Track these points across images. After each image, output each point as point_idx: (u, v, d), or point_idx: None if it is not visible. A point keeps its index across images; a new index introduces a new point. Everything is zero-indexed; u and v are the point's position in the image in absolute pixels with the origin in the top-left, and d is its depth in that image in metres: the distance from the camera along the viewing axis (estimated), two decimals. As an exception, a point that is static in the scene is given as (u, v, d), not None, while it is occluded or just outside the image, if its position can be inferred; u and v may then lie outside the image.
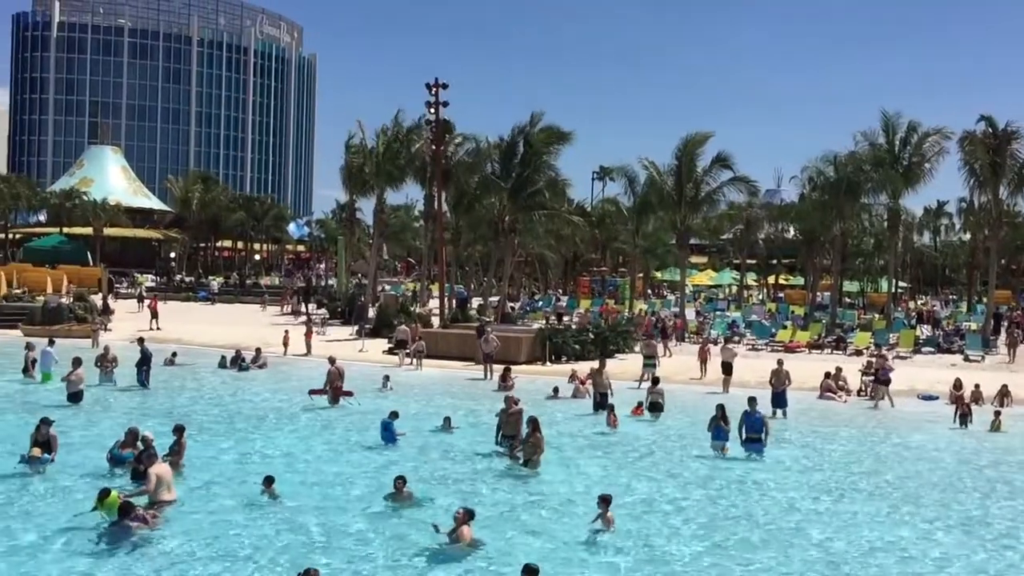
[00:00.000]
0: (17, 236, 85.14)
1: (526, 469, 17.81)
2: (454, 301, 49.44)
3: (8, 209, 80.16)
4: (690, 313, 50.01)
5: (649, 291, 73.63)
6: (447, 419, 21.83)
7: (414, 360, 33.78)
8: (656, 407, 24.29)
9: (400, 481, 15.14)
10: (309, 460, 18.76)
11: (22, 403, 23.95)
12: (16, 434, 19.12)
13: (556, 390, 27.37)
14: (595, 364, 27.24)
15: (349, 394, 25.44)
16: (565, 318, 49.57)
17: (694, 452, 20.20)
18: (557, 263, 73.43)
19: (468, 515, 13.14)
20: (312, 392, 25.49)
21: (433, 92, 44.28)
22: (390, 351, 36.12)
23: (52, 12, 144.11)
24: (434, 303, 50.33)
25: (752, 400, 20.30)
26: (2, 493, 15.21)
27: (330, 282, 69.10)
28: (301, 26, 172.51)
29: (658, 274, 77.77)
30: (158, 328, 41.98)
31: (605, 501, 14.09)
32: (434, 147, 46.31)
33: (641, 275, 66.38)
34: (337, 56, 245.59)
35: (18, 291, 49.82)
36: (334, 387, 25.33)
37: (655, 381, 25.71)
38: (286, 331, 37.38)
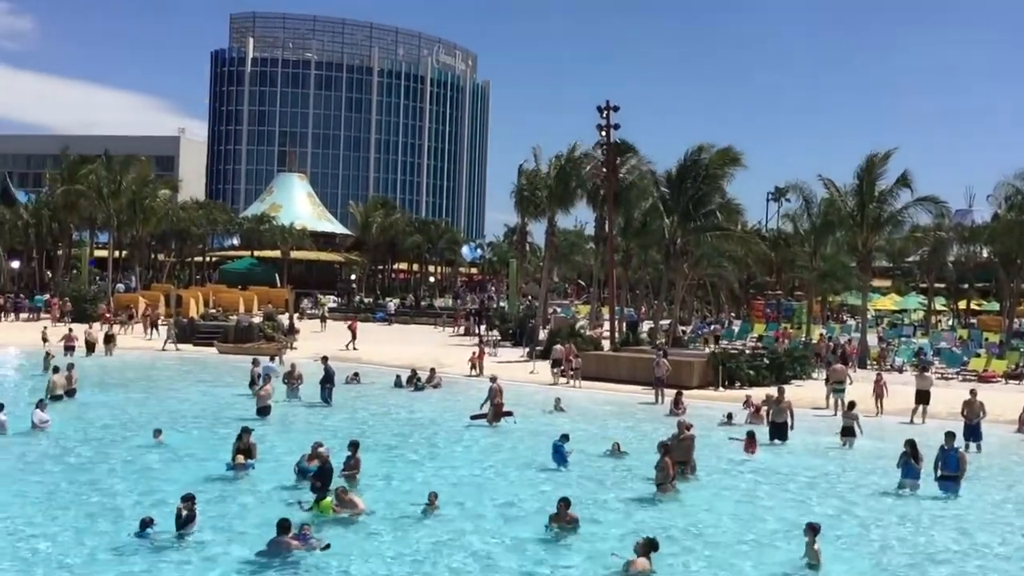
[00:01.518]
0: (213, 259, 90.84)
1: (695, 495, 17.45)
2: (624, 324, 49.18)
3: (206, 233, 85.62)
4: (872, 339, 47.79)
5: (828, 315, 70.91)
6: (616, 444, 21.65)
7: (572, 378, 34.22)
8: (848, 431, 23.53)
9: (564, 504, 15.05)
10: (476, 478, 19.07)
11: (215, 415, 25.49)
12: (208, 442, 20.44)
13: (730, 416, 26.71)
14: (772, 391, 26.41)
15: (509, 414, 25.76)
16: (723, 342, 48.44)
17: (878, 484, 19.23)
18: (730, 286, 71.86)
19: (648, 546, 12.88)
20: (474, 416, 25.89)
21: (604, 115, 44.39)
22: (561, 372, 36.30)
23: (247, 49, 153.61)
24: (605, 326, 50.21)
25: (950, 436, 19.15)
26: (216, 493, 16.13)
27: (501, 304, 70.16)
28: (475, 54, 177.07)
29: (837, 297, 74.77)
30: (355, 348, 43.51)
31: (813, 530, 13.48)
32: (605, 169, 46.36)
33: (819, 299, 64.01)
34: (510, 82, 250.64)
35: (214, 311, 53.17)
36: (495, 404, 25.72)
37: (851, 405, 24.76)
38: (473, 352, 37.94)
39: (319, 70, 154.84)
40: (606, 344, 43.68)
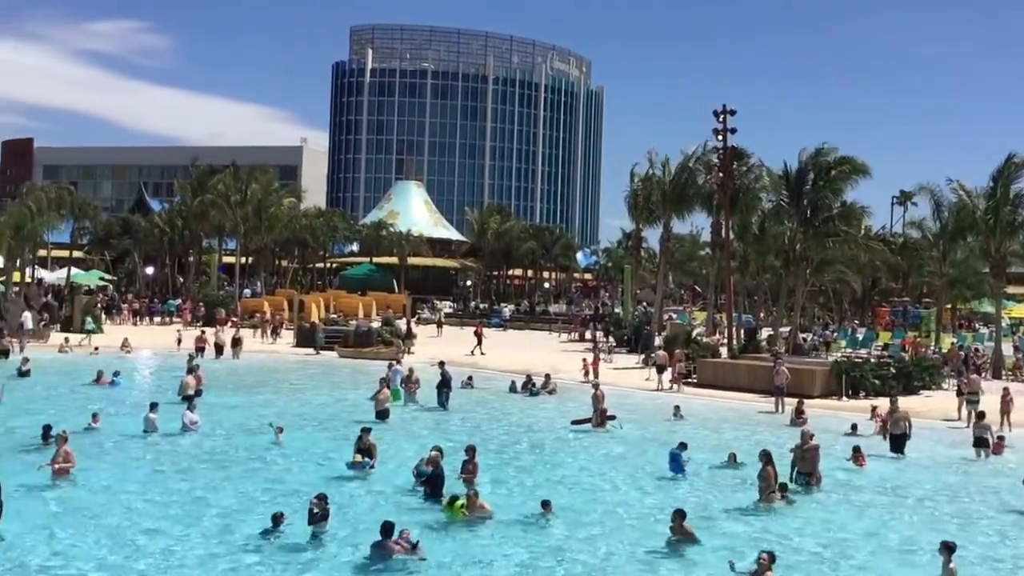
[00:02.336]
0: (334, 265, 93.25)
1: (818, 508, 16.95)
2: (742, 331, 48.23)
3: (327, 240, 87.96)
4: (1007, 348, 45.55)
5: (959, 323, 67.92)
6: (732, 454, 21.21)
7: (674, 384, 34.15)
8: (981, 442, 22.63)
9: (679, 516, 14.78)
10: (590, 484, 19.00)
11: (335, 417, 26.13)
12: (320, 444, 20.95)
13: (854, 427, 25.86)
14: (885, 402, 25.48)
15: (612, 417, 25.66)
16: (847, 350, 46.80)
17: (1005, 500, 18.31)
18: (853, 292, 69.64)
19: (772, 559, 12.62)
20: (575, 422, 25.77)
21: (720, 119, 43.68)
22: (674, 379, 35.90)
23: (366, 60, 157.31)
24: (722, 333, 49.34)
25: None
26: (334, 492, 16.52)
27: (616, 310, 69.79)
28: (589, 60, 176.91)
29: (968, 305, 71.56)
30: (482, 353, 43.94)
31: (949, 549, 12.96)
32: (721, 175, 45.60)
33: (948, 306, 61.40)
34: (624, 87, 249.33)
35: (334, 316, 54.53)
36: (599, 410, 25.64)
37: (980, 416, 23.73)
38: (584, 359, 37.79)
39: (435, 79, 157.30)
40: (723, 351, 42.92)
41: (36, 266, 69.96)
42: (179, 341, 42.24)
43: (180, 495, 16.92)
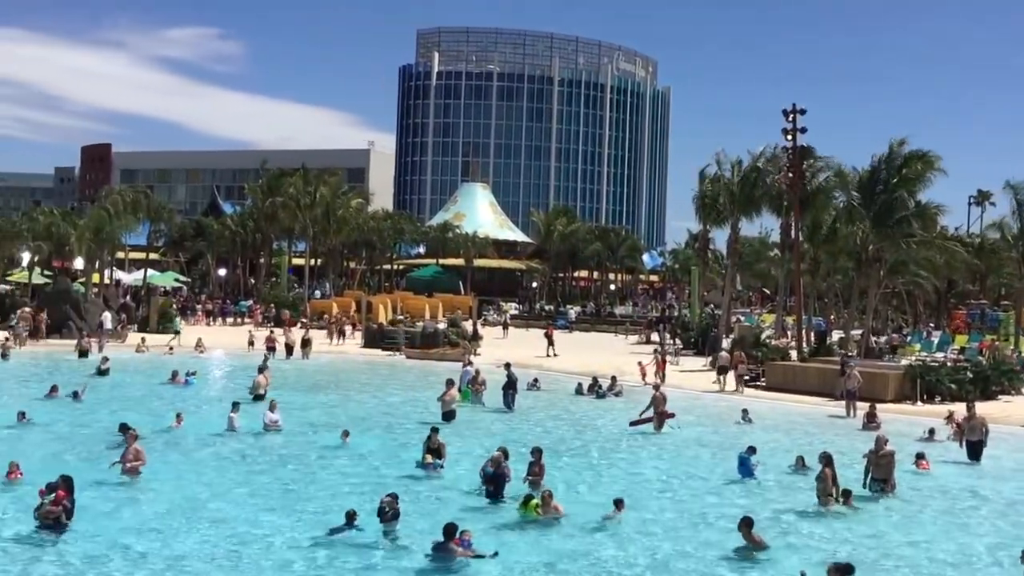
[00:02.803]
0: (400, 267, 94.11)
1: (892, 515, 16.60)
2: (812, 334, 47.42)
3: (393, 242, 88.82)
4: (1093, 352, 44.02)
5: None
6: (800, 458, 20.83)
7: (737, 386, 33.94)
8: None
9: (746, 524, 14.45)
10: (658, 487, 18.92)
11: (404, 417, 26.38)
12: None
13: (931, 432, 25.25)
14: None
15: (671, 415, 25.63)
16: (922, 353, 45.68)
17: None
18: (928, 295, 67.95)
19: (841, 572, 12.30)
20: (633, 423, 25.69)
21: (790, 118, 43.01)
22: (745, 382, 35.51)
23: (432, 63, 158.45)
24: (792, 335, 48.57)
25: None
26: (404, 491, 16.72)
27: (683, 312, 69.18)
28: (656, 60, 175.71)
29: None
30: (555, 355, 43.93)
31: None
32: (791, 175, 44.89)
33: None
34: (691, 87, 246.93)
35: (401, 317, 55.01)
36: (659, 412, 25.52)
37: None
38: (640, 361, 37.58)
39: (501, 81, 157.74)
40: (792, 354, 42.24)
41: (114, 268, 71.90)
42: (251, 343, 43.02)
43: (252, 493, 17.23)
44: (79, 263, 61.90)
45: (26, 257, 64.95)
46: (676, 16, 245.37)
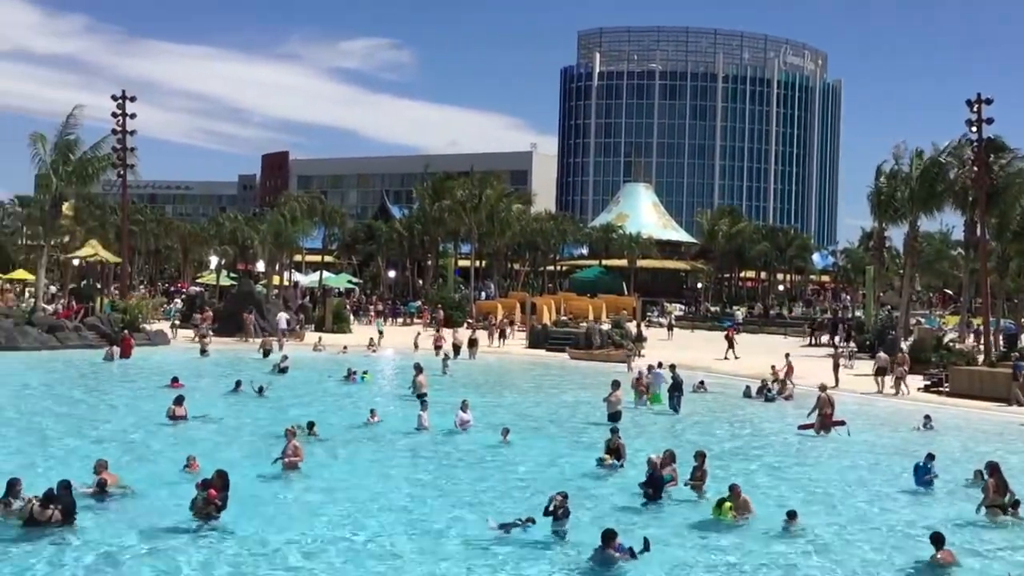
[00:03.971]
0: (563, 268, 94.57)
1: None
2: (1001, 337, 44.58)
3: (556, 243, 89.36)
4: None
5: None
6: (978, 471, 19.49)
7: (897, 389, 32.69)
8: None
9: (937, 541, 13.62)
10: (832, 493, 18.25)
11: (567, 417, 26.46)
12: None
13: None
14: None
15: (841, 423, 24.54)
16: None
17: None
18: None
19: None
20: (802, 426, 24.81)
21: (975, 108, 40.61)
22: (926, 388, 33.81)
23: (593, 63, 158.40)
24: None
25: None
26: (578, 490, 16.83)
27: (857, 313, 66.46)
28: (825, 52, 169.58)
29: None
30: (736, 357, 43.20)
31: None
32: (975, 169, 42.36)
33: None
34: (864, 79, 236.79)
35: (565, 318, 55.27)
36: (823, 415, 24.55)
37: None
38: (772, 366, 35.91)
39: (663, 80, 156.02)
40: (979, 359, 39.86)
41: (292, 270, 75.49)
42: (416, 345, 44.22)
43: (426, 488, 17.68)
44: (261, 266, 65.35)
45: (214, 260, 69.16)
46: (847, 5, 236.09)
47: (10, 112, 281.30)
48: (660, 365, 30.58)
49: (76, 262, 64.01)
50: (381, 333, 47.85)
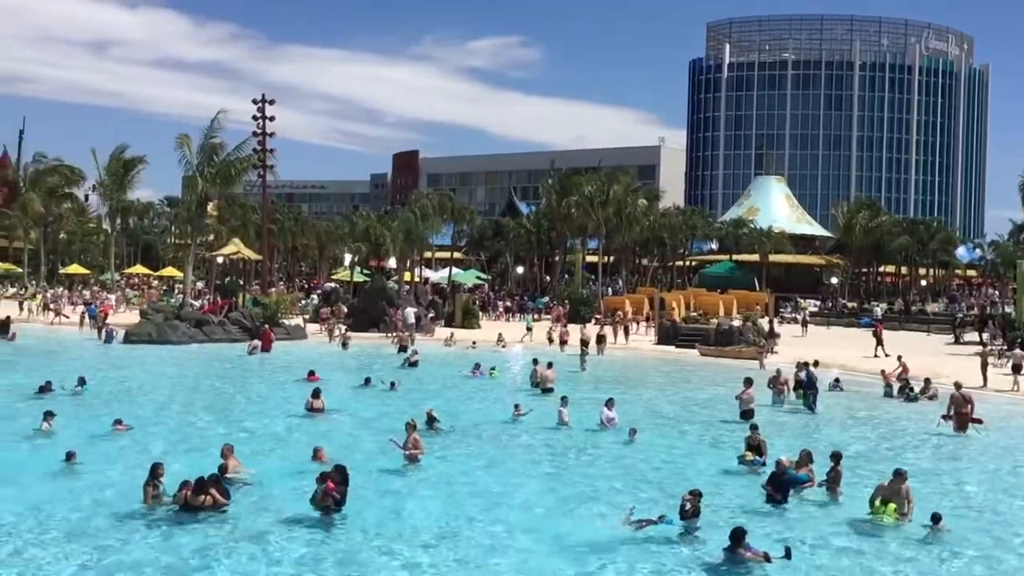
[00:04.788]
0: (692, 263, 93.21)
1: None
2: None
3: (685, 238, 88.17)
4: None
5: None
6: None
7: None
8: None
9: None
10: (973, 500, 17.40)
11: (695, 415, 26.07)
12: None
13: None
14: None
15: (978, 421, 23.63)
16: None
17: None
18: None
19: None
20: (944, 417, 24.08)
21: None
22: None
23: (723, 55, 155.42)
24: None
25: None
26: (719, 485, 16.65)
27: (1007, 310, 63.07)
28: (972, 37, 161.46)
29: None
30: (887, 355, 41.55)
31: None
32: None
33: None
34: (1015, 64, 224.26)
35: (694, 314, 54.44)
36: (961, 413, 23.62)
37: None
38: (883, 370, 33.73)
39: (796, 70, 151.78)
40: None
41: (422, 266, 76.91)
42: (551, 340, 44.39)
43: (552, 484, 17.72)
44: (392, 262, 66.77)
45: (348, 257, 71.11)
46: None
47: (162, 118, 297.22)
48: (816, 364, 30.02)
49: (220, 259, 66.98)
50: (529, 329, 47.91)
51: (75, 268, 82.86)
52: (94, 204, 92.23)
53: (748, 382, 25.94)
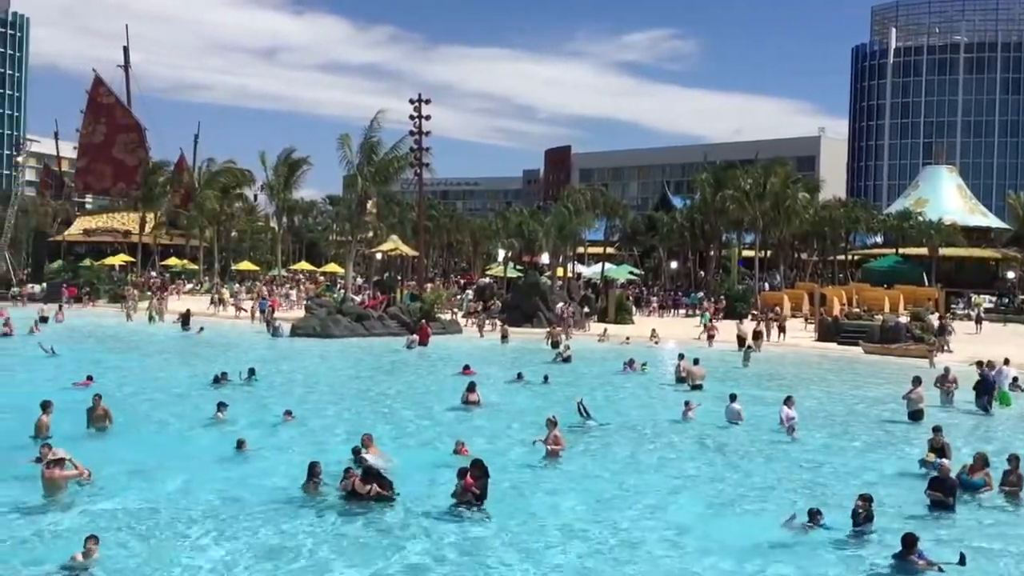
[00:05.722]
0: (855, 257, 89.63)
1: None
2: None
3: (847, 232, 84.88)
4: None
5: None
6: None
7: None
8: None
9: None
10: None
11: (856, 415, 25.06)
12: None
13: None
14: None
15: None
16: None
17: None
18: None
19: None
20: None
21: None
22: None
23: (888, 40, 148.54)
24: None
25: None
26: (894, 487, 15.94)
27: None
28: None
29: None
30: None
31: None
32: None
33: None
34: None
35: (857, 310, 52.37)
36: None
37: None
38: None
39: (969, 53, 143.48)
40: None
41: (575, 262, 77.03)
42: (705, 335, 43.70)
43: (710, 484, 17.44)
44: (545, 258, 67.25)
45: (501, 253, 72.05)
46: None
47: (325, 119, 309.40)
48: (1007, 362, 28.91)
49: (379, 256, 69.06)
50: (705, 325, 46.54)
51: (246, 264, 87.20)
52: (262, 203, 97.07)
53: (916, 381, 24.79)
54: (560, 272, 67.66)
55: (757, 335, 42.09)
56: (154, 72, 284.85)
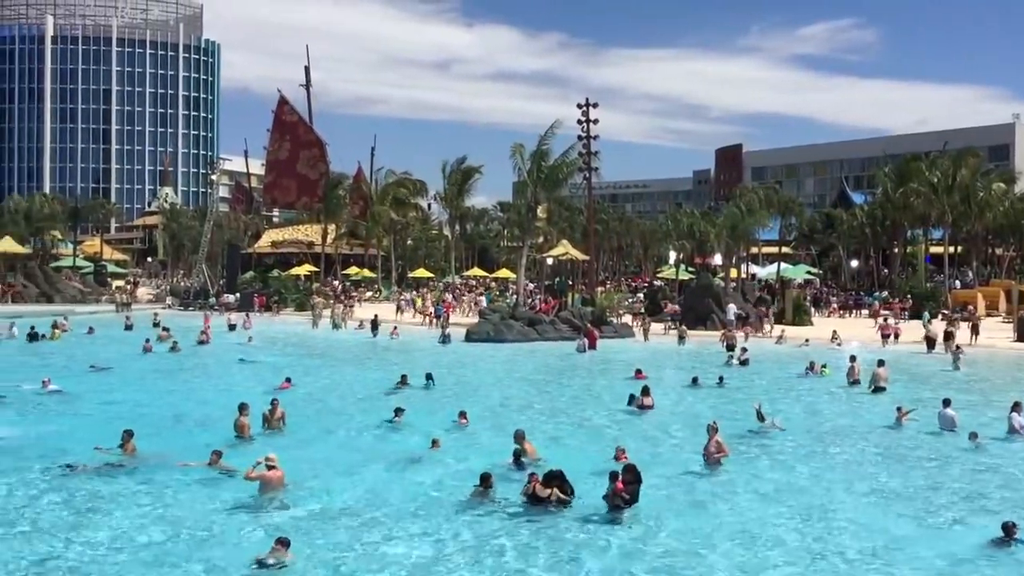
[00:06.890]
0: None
1: None
2: None
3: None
4: None
5: None
6: None
7: None
8: None
9: None
10: None
11: None
12: None
13: None
14: None
15: None
16: None
17: None
18: None
19: None
20: None
21: None
22: None
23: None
24: None
25: None
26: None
27: None
28: None
29: None
30: None
31: None
32: None
33: None
34: None
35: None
36: None
37: None
38: None
39: None
40: None
41: (749, 262, 75.17)
42: (879, 334, 41.83)
43: (892, 494, 16.66)
44: (718, 259, 65.95)
45: (672, 255, 71.22)
46: None
47: (495, 127, 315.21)
48: None
49: (550, 260, 69.59)
50: (880, 326, 44.35)
51: (421, 272, 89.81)
52: (435, 212, 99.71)
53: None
54: (733, 273, 66.15)
55: (949, 336, 39.74)
56: (333, 88, 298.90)
